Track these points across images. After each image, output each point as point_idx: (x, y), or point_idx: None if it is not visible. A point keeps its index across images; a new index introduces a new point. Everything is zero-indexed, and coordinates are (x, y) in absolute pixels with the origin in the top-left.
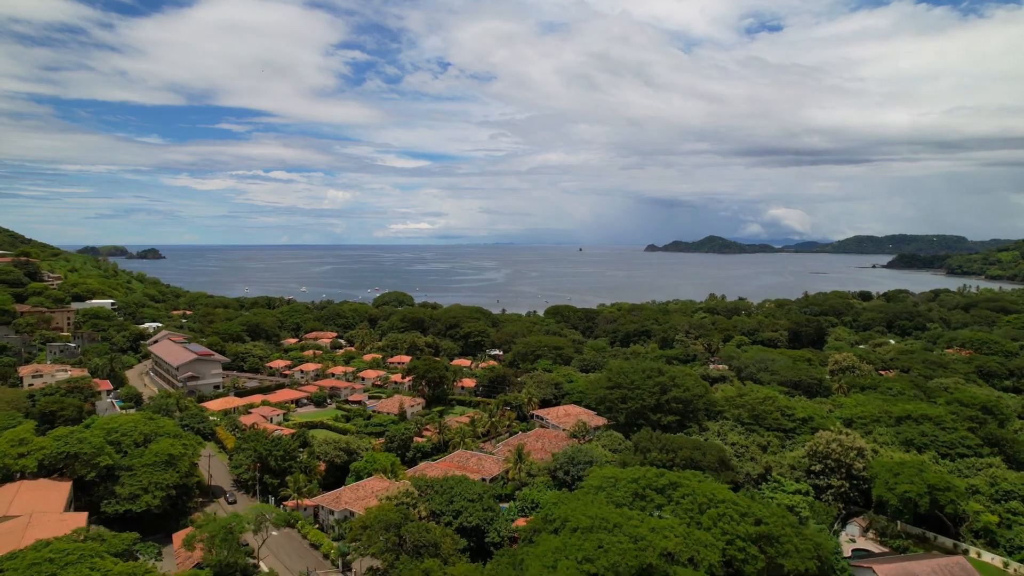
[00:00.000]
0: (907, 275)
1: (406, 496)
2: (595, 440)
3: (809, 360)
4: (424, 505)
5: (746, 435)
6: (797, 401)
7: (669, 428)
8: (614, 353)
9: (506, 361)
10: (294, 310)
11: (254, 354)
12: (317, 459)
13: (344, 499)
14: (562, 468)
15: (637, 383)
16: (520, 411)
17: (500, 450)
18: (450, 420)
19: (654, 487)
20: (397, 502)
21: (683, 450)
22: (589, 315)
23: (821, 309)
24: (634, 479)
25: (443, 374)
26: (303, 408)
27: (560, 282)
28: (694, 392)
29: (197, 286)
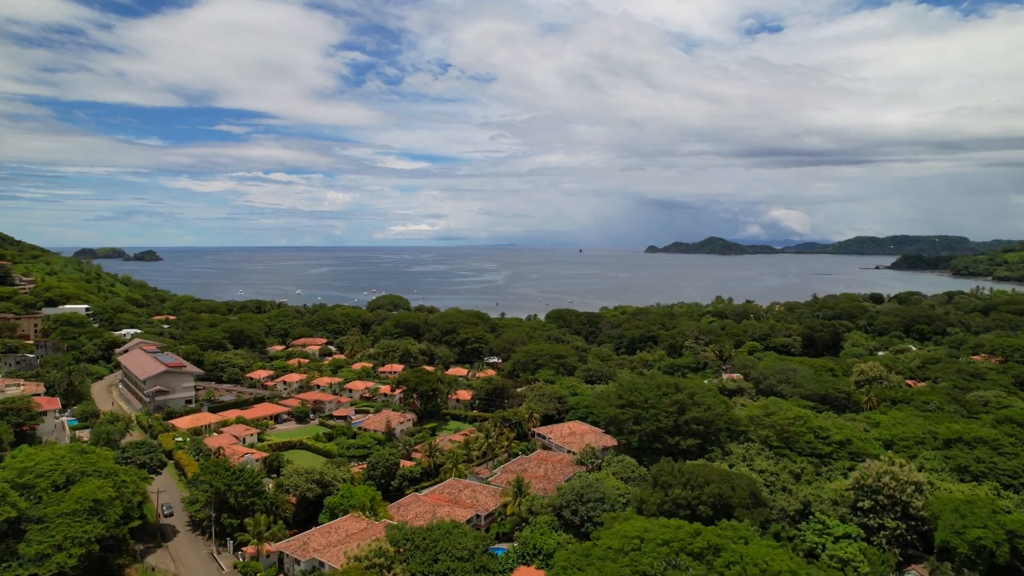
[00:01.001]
0: (912, 276)
1: (378, 556)
2: (605, 467)
3: (832, 370)
4: (401, 568)
5: (775, 461)
6: (828, 419)
7: (688, 453)
8: (620, 362)
9: (505, 371)
10: (283, 315)
11: (234, 364)
12: (286, 492)
13: (312, 545)
14: (569, 507)
15: (652, 401)
16: (520, 428)
17: (498, 476)
18: (442, 440)
19: (690, 550)
20: (368, 564)
21: (710, 485)
22: (592, 319)
23: (834, 313)
24: (665, 540)
25: (436, 387)
26: (283, 424)
27: (561, 284)
28: (716, 411)
29: (191, 289)
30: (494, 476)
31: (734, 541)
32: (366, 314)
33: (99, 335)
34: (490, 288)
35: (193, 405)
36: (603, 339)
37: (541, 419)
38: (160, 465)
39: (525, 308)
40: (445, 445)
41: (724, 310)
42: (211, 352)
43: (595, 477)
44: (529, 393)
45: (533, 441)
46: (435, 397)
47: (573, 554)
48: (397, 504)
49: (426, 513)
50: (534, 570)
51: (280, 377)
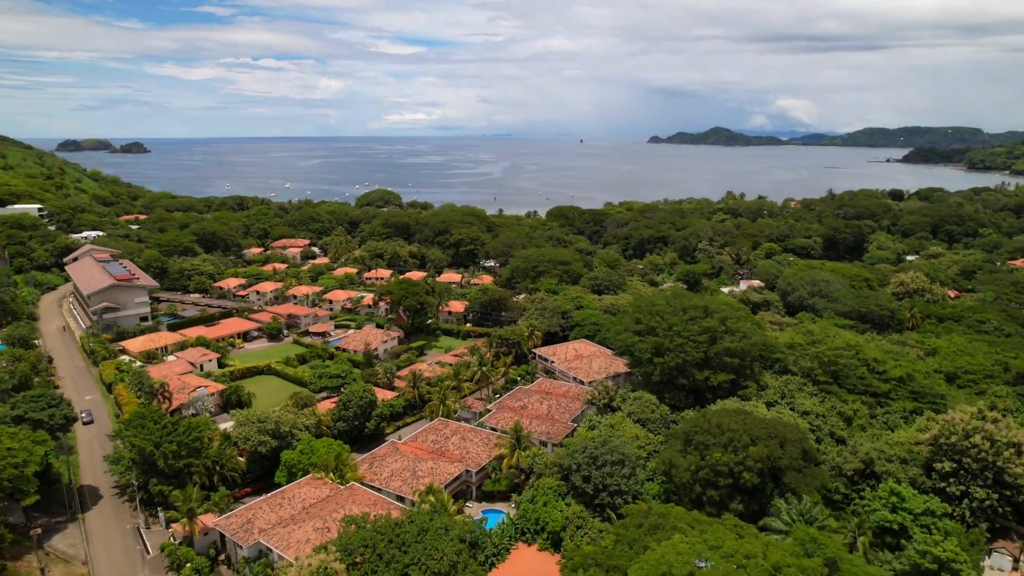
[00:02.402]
0: (924, 170)
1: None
2: (619, 402)
3: (867, 280)
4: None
5: (821, 399)
6: (879, 345)
7: (718, 389)
8: (629, 268)
9: (502, 278)
10: (263, 213)
11: (202, 271)
12: (234, 446)
13: (258, 524)
14: (580, 471)
15: (677, 328)
16: (519, 348)
17: (493, 414)
18: (430, 363)
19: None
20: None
21: (756, 445)
22: (596, 217)
23: (855, 212)
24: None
25: (424, 300)
26: (253, 343)
27: (561, 177)
28: (752, 340)
29: (176, 183)
30: (488, 413)
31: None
32: (354, 211)
33: (52, 239)
34: (488, 181)
35: (149, 323)
36: (608, 239)
37: (543, 337)
38: (66, 423)
39: (524, 204)
40: (433, 371)
41: (737, 207)
42: (177, 258)
43: (608, 423)
44: (529, 306)
45: (533, 364)
46: (423, 311)
47: (587, 558)
48: (371, 457)
49: (404, 471)
50: (536, 551)
51: (253, 286)
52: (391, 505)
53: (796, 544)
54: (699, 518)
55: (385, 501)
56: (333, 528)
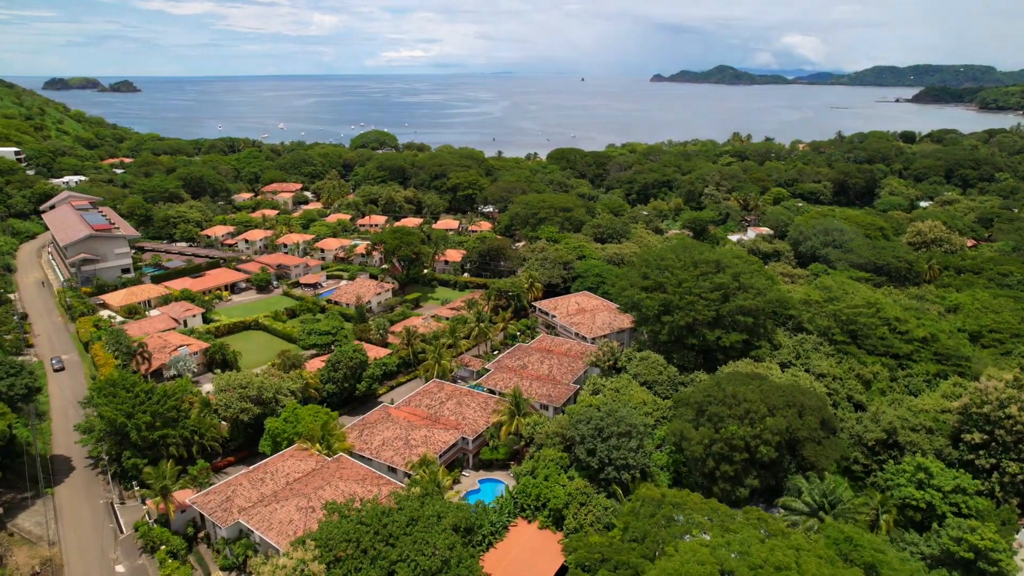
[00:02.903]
0: (935, 110)
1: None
2: (624, 362)
3: (882, 229)
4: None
5: (838, 360)
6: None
7: (730, 351)
8: (634, 215)
9: (501, 225)
10: (252, 156)
11: (188, 219)
12: (215, 413)
13: (238, 502)
14: (584, 443)
15: (687, 285)
16: (518, 301)
17: (492, 374)
18: (425, 318)
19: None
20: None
21: (774, 416)
22: (599, 160)
23: (867, 155)
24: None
25: (419, 250)
26: (241, 295)
27: (562, 116)
28: (767, 297)
29: (166, 124)
30: (487, 374)
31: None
32: (348, 153)
33: (30, 185)
34: (487, 121)
35: (131, 275)
36: (611, 184)
37: (543, 289)
38: (28, 393)
39: (524, 145)
40: (429, 326)
41: (743, 150)
42: (162, 205)
43: (613, 386)
44: (529, 255)
45: (533, 317)
46: (419, 261)
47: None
48: (361, 424)
49: (396, 440)
50: (536, 529)
51: (242, 234)
52: (380, 480)
53: (829, 544)
54: (717, 507)
55: (375, 475)
56: (318, 507)
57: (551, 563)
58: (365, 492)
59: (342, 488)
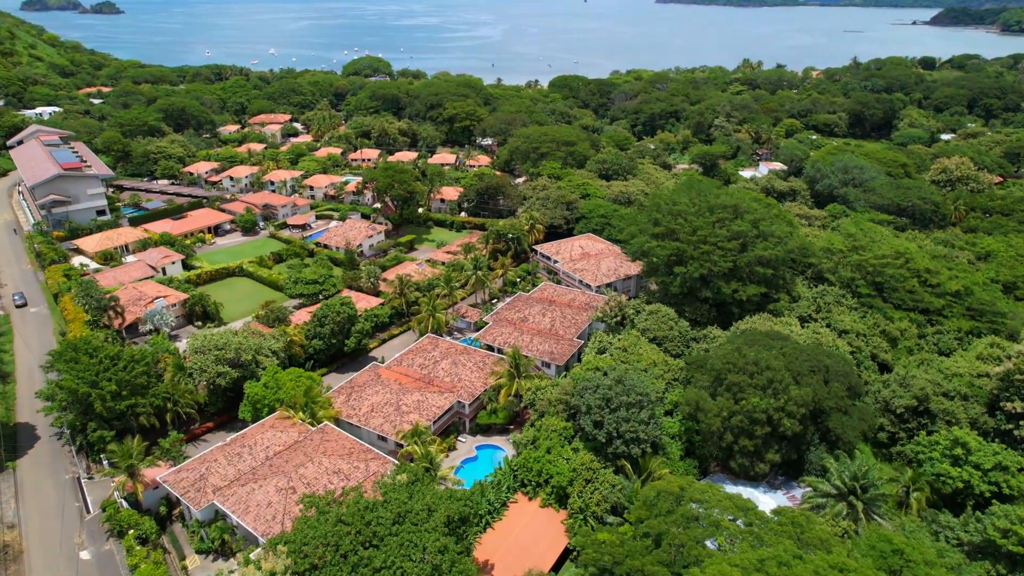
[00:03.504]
0: (954, 33)
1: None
2: (632, 314)
3: (904, 166)
4: None
5: (862, 315)
6: (910, 240)
7: (747, 304)
8: (640, 149)
9: (500, 160)
10: (239, 85)
11: (170, 154)
12: (190, 377)
13: (213, 480)
14: (591, 414)
15: (702, 233)
16: (518, 244)
17: (490, 328)
18: (418, 265)
19: None
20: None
21: (799, 386)
22: (603, 88)
23: (885, 83)
24: None
25: (412, 189)
26: (225, 238)
27: (564, 41)
28: (788, 246)
29: (151, 49)
30: (484, 328)
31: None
32: (339, 81)
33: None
34: (486, 46)
35: (107, 217)
36: (616, 114)
37: (545, 231)
38: None
39: (525, 72)
40: (423, 272)
41: (754, 78)
42: (141, 139)
43: (620, 345)
44: (530, 194)
45: (534, 262)
46: (413, 200)
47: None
48: (348, 386)
49: (387, 405)
50: (537, 507)
51: (227, 171)
52: (368, 454)
53: (876, 557)
54: (743, 504)
55: (361, 448)
56: (299, 487)
57: (554, 545)
58: (350, 469)
59: (325, 465)
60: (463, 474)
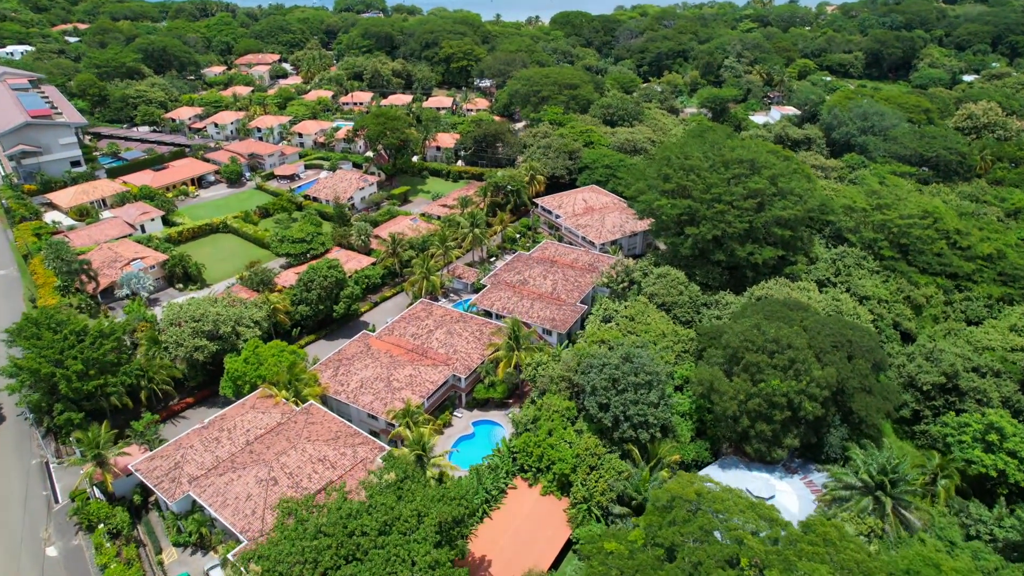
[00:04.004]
0: None
1: None
2: (639, 277)
3: (927, 112)
4: None
5: (884, 279)
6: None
7: (762, 268)
8: (647, 93)
9: (499, 104)
10: (224, 23)
11: (150, 99)
12: (165, 351)
13: (188, 468)
14: (596, 395)
15: (716, 190)
16: (518, 197)
17: (488, 291)
18: (412, 220)
19: None
20: None
21: (824, 364)
22: (607, 25)
23: (904, 19)
24: None
25: (405, 137)
26: (210, 190)
27: None
28: (808, 205)
29: None
30: (482, 291)
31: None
32: (330, 18)
33: None
34: None
35: (83, 168)
36: (621, 53)
37: (546, 181)
38: None
39: (525, 7)
40: (417, 228)
41: (765, 14)
42: (119, 83)
43: (627, 313)
44: (531, 142)
45: (535, 216)
46: (407, 148)
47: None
48: (336, 358)
49: (377, 380)
50: (538, 494)
51: (211, 117)
52: (356, 439)
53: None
54: (768, 514)
55: (348, 431)
56: (281, 477)
57: (556, 537)
58: (337, 456)
59: (309, 452)
60: (459, 454)
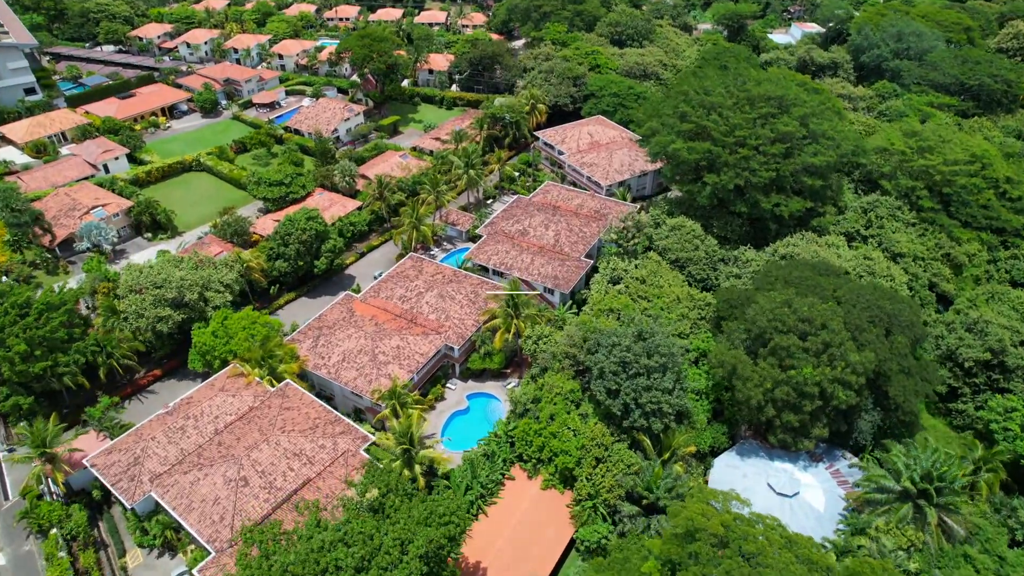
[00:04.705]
0: None
1: None
2: (649, 228)
3: (968, 30)
4: None
5: (921, 233)
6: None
7: (788, 220)
8: (657, 7)
9: (497, 20)
10: None
11: (114, 13)
12: (125, 321)
13: (149, 464)
14: (604, 379)
15: (740, 132)
16: (517, 129)
17: (484, 242)
18: (402, 156)
19: None
20: None
21: (859, 344)
22: None
23: None
24: None
25: (393, 60)
26: (182, 121)
27: None
28: (842, 149)
29: None
30: (478, 242)
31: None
32: None
33: None
34: None
35: (39, 96)
36: None
37: (548, 111)
38: None
39: None
40: (407, 166)
41: None
42: None
43: (637, 275)
44: (531, 65)
45: (536, 151)
46: (396, 72)
47: None
48: (317, 325)
49: (361, 353)
50: (539, 488)
51: (182, 35)
52: (337, 426)
53: None
54: (807, 555)
55: (328, 418)
56: (252, 477)
57: (558, 538)
58: (315, 450)
59: (284, 445)
60: (453, 431)
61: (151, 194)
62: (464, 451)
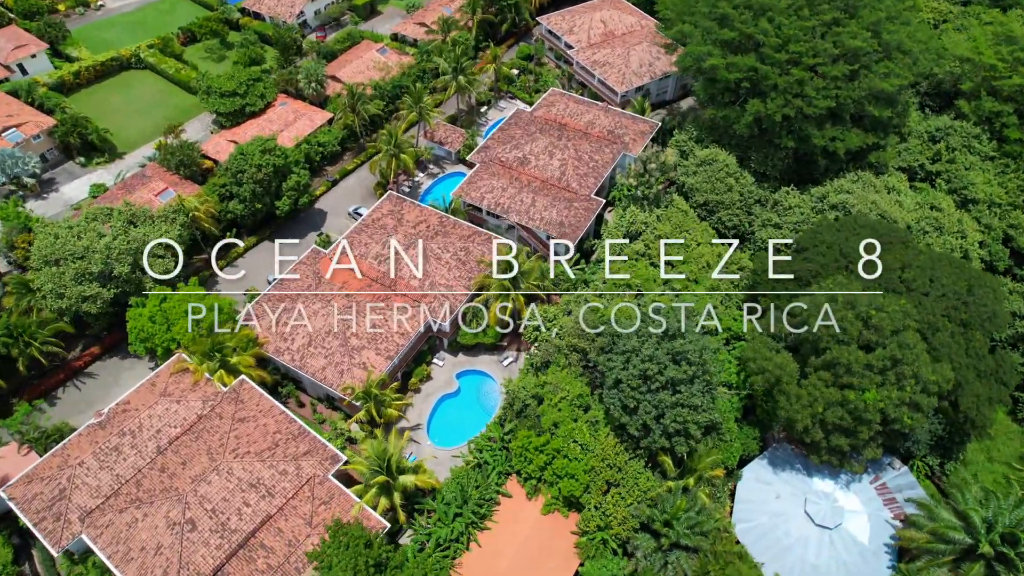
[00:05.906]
0: None
1: None
2: (672, 154)
3: None
4: None
5: (1000, 170)
6: None
7: (836, 154)
8: None
9: None
10: None
11: None
12: (44, 300)
13: (78, 497)
14: (620, 392)
15: (795, 46)
16: (516, 14)
17: (476, 173)
18: (380, 49)
19: None
20: None
21: (935, 352)
22: None
23: None
24: None
25: None
26: None
27: None
28: (920, 67)
29: None
30: (470, 173)
31: None
32: None
33: None
34: None
35: None
36: None
37: None
38: None
39: None
40: (386, 64)
41: None
42: None
43: (658, 231)
44: None
45: (539, 41)
46: None
47: None
48: (277, 295)
49: (330, 335)
50: (539, 513)
51: None
52: (302, 441)
53: None
54: None
55: (292, 431)
56: (201, 519)
57: (561, 570)
58: (275, 478)
59: (238, 475)
60: (441, 420)
61: (82, 101)
62: (452, 450)
